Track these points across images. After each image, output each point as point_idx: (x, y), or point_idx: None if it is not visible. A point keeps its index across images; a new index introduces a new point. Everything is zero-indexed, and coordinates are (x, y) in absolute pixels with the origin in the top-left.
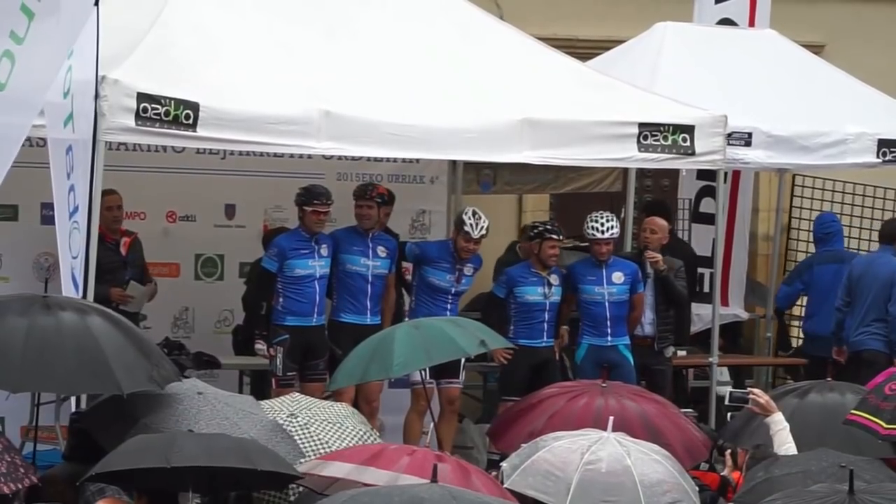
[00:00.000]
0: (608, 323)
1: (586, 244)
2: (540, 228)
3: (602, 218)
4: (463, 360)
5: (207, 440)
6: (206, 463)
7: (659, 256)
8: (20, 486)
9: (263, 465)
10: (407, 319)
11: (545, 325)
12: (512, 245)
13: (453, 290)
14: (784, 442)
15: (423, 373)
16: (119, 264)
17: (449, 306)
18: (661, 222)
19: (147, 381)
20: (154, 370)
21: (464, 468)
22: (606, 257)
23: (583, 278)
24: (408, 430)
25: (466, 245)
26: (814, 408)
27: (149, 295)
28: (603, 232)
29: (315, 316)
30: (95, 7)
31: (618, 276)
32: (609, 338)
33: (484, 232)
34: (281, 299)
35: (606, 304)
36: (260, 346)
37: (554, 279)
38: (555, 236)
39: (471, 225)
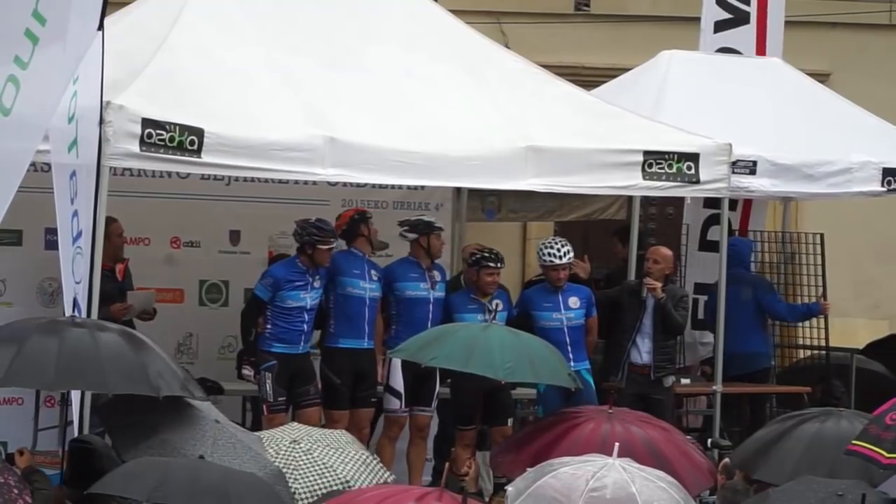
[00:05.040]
0: (569, 348)
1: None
2: (478, 256)
3: (557, 244)
4: (437, 389)
5: (197, 474)
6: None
7: (658, 285)
8: None
9: None
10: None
11: None
12: (457, 276)
13: (432, 297)
14: None
15: (401, 401)
16: (116, 291)
17: (430, 316)
18: (666, 252)
19: (180, 389)
20: (187, 382)
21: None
22: (563, 283)
23: (538, 305)
24: (379, 456)
25: (440, 242)
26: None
27: (147, 304)
28: (560, 257)
29: (301, 344)
30: (100, 32)
31: (574, 301)
32: (571, 363)
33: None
34: (269, 326)
35: (565, 329)
36: (247, 371)
37: (497, 305)
38: (492, 264)
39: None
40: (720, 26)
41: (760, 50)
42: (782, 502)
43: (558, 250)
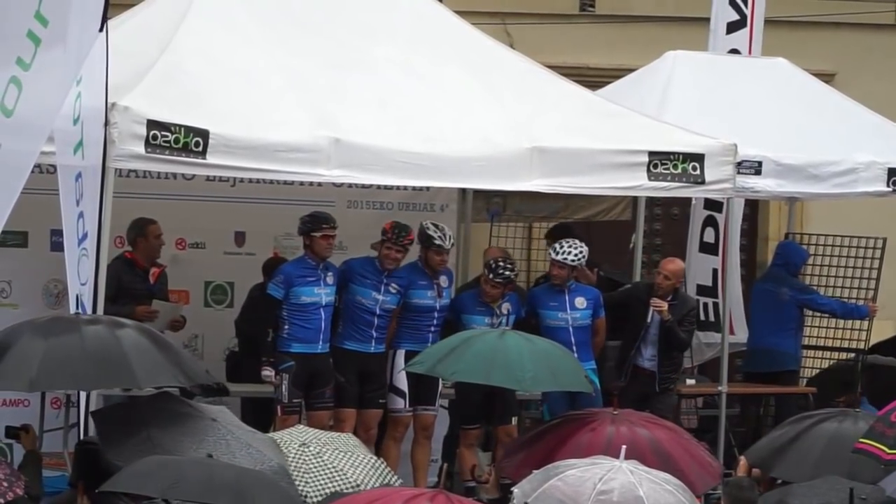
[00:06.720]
0: (574, 348)
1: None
2: (492, 266)
3: (567, 244)
4: (440, 387)
5: (211, 472)
6: (200, 500)
7: (664, 306)
8: (3, 500)
9: None
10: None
11: None
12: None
13: (438, 305)
14: None
15: (405, 400)
16: (146, 292)
17: (435, 322)
18: (676, 268)
19: (204, 377)
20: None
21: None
22: (560, 281)
23: (544, 304)
24: (384, 457)
25: (441, 258)
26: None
27: (173, 315)
28: (564, 257)
29: (320, 343)
30: (102, 33)
31: (580, 302)
32: None
33: (453, 241)
34: (286, 326)
35: (570, 329)
36: (268, 372)
37: (506, 308)
38: (498, 280)
39: (440, 237)
40: (732, 27)
41: (749, 51)
42: (805, 497)
43: (565, 250)
